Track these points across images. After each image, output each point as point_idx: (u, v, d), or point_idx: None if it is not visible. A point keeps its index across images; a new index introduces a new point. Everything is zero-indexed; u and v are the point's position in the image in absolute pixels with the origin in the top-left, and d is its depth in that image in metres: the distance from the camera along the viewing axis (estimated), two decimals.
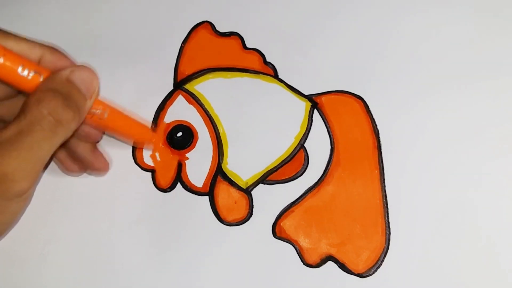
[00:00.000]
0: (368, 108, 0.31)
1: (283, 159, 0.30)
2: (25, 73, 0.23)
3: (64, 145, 0.26)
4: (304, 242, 0.29)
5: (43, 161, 0.24)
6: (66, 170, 0.30)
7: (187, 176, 0.30)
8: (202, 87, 0.32)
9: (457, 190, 0.29)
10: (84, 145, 0.29)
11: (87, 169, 0.30)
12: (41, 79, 0.23)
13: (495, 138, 0.30)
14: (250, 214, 0.29)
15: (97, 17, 0.35)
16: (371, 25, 0.33)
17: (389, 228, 0.29)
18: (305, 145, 0.31)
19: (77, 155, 0.29)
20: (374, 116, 0.31)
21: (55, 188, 0.30)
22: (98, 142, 0.31)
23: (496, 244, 0.28)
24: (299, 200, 0.30)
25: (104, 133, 0.31)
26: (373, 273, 0.28)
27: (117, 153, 0.31)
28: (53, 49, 0.25)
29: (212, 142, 0.31)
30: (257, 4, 0.33)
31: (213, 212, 0.30)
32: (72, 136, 0.25)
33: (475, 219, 0.28)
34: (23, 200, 0.25)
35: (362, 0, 0.33)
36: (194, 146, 0.31)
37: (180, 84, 0.32)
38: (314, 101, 0.31)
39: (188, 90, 0.32)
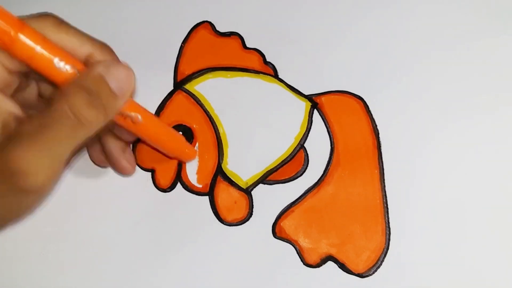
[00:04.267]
0: (368, 108, 0.31)
1: (283, 159, 0.30)
2: (61, 65, 0.22)
3: (95, 137, 0.24)
4: (304, 242, 0.29)
5: (61, 158, 0.22)
6: (93, 160, 0.30)
7: (187, 176, 0.30)
8: (202, 87, 0.32)
9: (457, 189, 0.29)
10: (116, 142, 0.28)
11: (112, 165, 0.29)
12: (75, 73, 0.22)
13: (495, 138, 0.30)
14: (250, 214, 0.29)
15: (96, 17, 0.35)
16: (371, 25, 0.33)
17: (389, 228, 0.29)
18: (305, 145, 0.31)
19: (106, 149, 0.28)
20: (374, 116, 0.31)
21: (55, 187, 0.30)
22: (131, 142, 0.30)
23: (497, 243, 0.28)
24: (299, 200, 0.30)
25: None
26: (373, 273, 0.28)
27: None
28: (104, 47, 0.24)
29: (212, 142, 0.31)
30: (257, 4, 0.33)
31: (213, 212, 0.30)
32: (103, 131, 0.24)
33: (475, 219, 0.28)
34: (38, 196, 0.24)
35: (362, 0, 0.33)
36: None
37: (180, 84, 0.32)
38: (314, 101, 0.31)
39: (188, 91, 0.32)
